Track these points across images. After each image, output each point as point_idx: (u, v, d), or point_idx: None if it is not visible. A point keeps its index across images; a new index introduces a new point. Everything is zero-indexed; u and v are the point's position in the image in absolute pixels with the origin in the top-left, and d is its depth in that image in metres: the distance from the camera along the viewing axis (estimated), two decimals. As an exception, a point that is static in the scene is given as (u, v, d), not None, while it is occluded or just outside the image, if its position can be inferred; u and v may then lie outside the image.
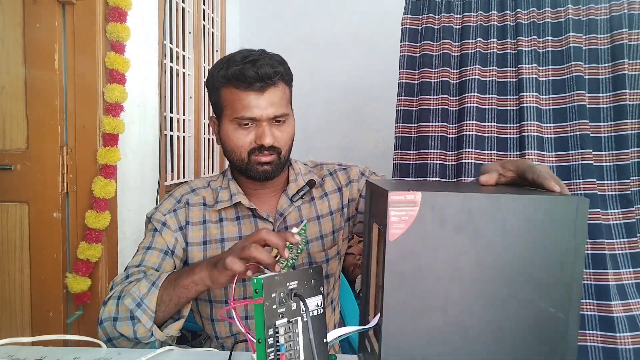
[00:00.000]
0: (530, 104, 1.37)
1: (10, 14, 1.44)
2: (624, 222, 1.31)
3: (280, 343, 0.57)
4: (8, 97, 1.46)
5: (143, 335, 0.80)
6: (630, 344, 1.21)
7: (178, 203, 0.98)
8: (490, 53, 1.44)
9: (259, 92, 0.88)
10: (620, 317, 1.22)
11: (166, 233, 0.94)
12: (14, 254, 1.48)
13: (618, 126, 1.34)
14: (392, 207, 0.54)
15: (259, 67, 0.86)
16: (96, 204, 1.45)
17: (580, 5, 1.40)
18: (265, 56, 0.90)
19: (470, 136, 1.39)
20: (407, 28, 1.50)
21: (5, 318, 1.48)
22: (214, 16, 2.67)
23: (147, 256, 0.92)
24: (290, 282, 0.59)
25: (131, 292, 0.81)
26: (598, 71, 1.38)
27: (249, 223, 0.97)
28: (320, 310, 0.61)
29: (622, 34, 1.34)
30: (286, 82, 0.93)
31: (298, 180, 1.01)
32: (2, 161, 1.46)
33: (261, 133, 0.89)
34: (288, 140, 0.94)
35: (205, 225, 0.97)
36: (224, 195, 0.99)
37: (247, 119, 0.88)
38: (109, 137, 1.46)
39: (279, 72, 0.89)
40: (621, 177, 1.32)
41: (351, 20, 2.84)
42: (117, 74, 1.46)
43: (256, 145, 0.90)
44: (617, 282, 1.26)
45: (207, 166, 2.58)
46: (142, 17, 1.69)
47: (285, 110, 0.91)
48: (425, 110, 1.45)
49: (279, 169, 0.94)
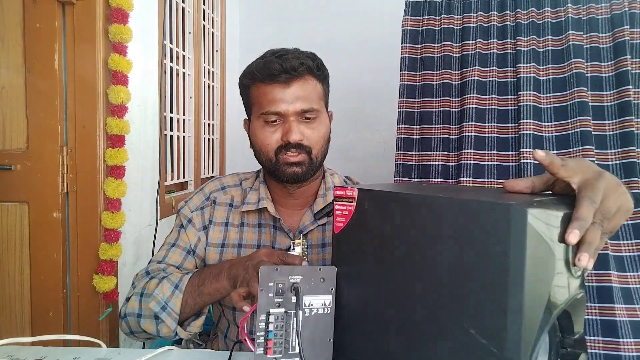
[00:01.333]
0: (528, 102, 1.36)
1: (10, 14, 1.44)
2: (632, 222, 1.25)
3: (269, 330, 0.58)
4: (8, 97, 1.46)
5: (167, 335, 0.82)
6: (634, 351, 1.14)
7: (206, 200, 0.97)
8: (491, 53, 1.44)
9: (285, 85, 0.83)
10: (623, 321, 1.16)
11: (190, 231, 0.95)
12: (14, 254, 1.47)
13: (623, 123, 1.30)
14: (337, 201, 0.57)
15: (284, 60, 0.83)
16: (110, 205, 1.48)
17: (580, 5, 1.39)
18: (295, 51, 0.87)
19: (470, 137, 1.39)
20: (408, 30, 1.50)
21: (5, 318, 1.48)
22: (214, 16, 2.67)
23: (170, 253, 0.93)
24: (293, 276, 0.59)
25: (154, 294, 0.82)
26: (601, 69, 1.36)
27: (269, 233, 0.94)
28: (327, 310, 0.61)
29: (623, 31, 1.33)
30: (318, 77, 0.88)
31: (327, 196, 0.95)
32: (2, 161, 1.46)
33: (287, 129, 0.84)
34: (319, 139, 0.88)
35: (227, 227, 0.95)
36: (252, 197, 0.95)
37: (272, 113, 0.84)
38: (116, 138, 1.48)
39: (305, 65, 0.84)
40: (628, 176, 1.27)
41: (351, 21, 2.83)
42: (121, 75, 1.47)
43: (283, 142, 0.85)
44: (623, 285, 1.20)
45: (207, 166, 2.58)
46: (142, 17, 1.69)
47: (315, 106, 0.86)
48: (428, 112, 1.45)
49: (311, 172, 0.89)
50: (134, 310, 0.84)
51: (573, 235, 0.43)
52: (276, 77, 0.83)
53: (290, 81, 0.84)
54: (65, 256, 1.49)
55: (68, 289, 1.47)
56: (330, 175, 0.99)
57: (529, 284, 0.41)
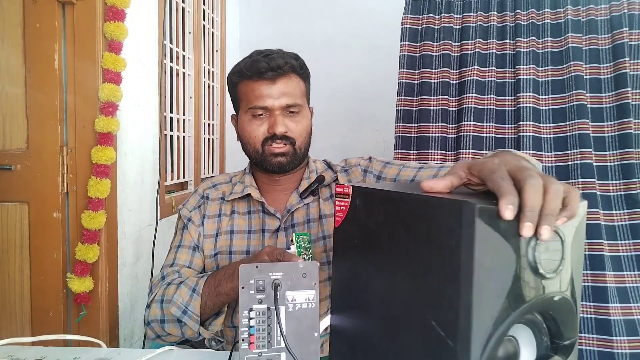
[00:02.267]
0: (527, 104, 1.37)
1: (10, 14, 1.44)
2: (630, 223, 1.27)
3: (251, 325, 0.61)
4: (8, 97, 1.46)
5: (191, 336, 0.88)
6: (627, 349, 1.18)
7: (201, 199, 1.04)
8: (490, 53, 1.44)
9: (271, 82, 0.91)
10: (617, 320, 1.20)
11: (191, 228, 1.01)
12: (14, 254, 1.48)
13: (621, 125, 1.32)
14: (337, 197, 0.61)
15: (270, 59, 0.90)
16: (90, 204, 1.44)
17: (579, 6, 1.39)
18: (279, 51, 0.95)
19: (468, 137, 1.39)
20: (407, 28, 1.50)
21: (5, 318, 1.48)
22: (214, 16, 2.67)
23: (178, 254, 0.99)
24: (273, 273, 0.62)
25: (174, 300, 0.87)
26: (600, 71, 1.37)
27: (258, 218, 1.00)
28: (311, 304, 0.63)
29: (622, 34, 1.34)
30: (300, 75, 0.96)
31: (311, 178, 1.02)
32: (2, 161, 1.46)
33: (273, 122, 0.92)
34: (302, 131, 0.96)
35: (220, 218, 1.01)
36: (239, 187, 1.02)
37: (260, 108, 0.91)
38: (102, 136, 1.46)
39: (290, 64, 0.92)
40: (626, 177, 1.29)
41: (351, 20, 2.84)
42: (111, 73, 1.46)
43: (269, 134, 0.93)
44: (619, 285, 1.23)
45: (207, 166, 2.58)
46: (142, 16, 1.69)
47: (298, 101, 0.94)
48: (426, 110, 1.46)
49: (295, 161, 0.96)
50: (157, 317, 0.89)
51: (508, 211, 0.41)
52: (263, 74, 0.90)
53: (276, 78, 0.91)
54: (65, 256, 1.49)
55: (68, 289, 1.47)
56: (313, 162, 1.07)
57: (480, 278, 0.42)
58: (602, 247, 1.25)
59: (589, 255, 1.26)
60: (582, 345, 1.23)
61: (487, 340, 0.43)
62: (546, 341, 0.52)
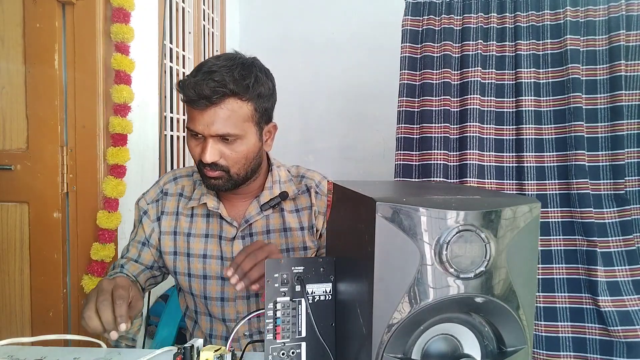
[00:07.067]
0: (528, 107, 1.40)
1: (10, 14, 1.44)
2: (620, 220, 1.34)
3: (277, 317, 0.64)
4: (8, 97, 1.46)
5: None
6: (622, 337, 1.26)
7: (160, 193, 1.04)
8: (490, 55, 1.44)
9: (201, 110, 0.84)
10: (609, 311, 1.27)
11: (145, 222, 1.02)
12: (14, 254, 1.48)
13: (614, 127, 1.36)
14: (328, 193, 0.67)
15: (200, 87, 0.82)
16: (107, 204, 1.46)
17: (578, 7, 1.40)
18: (222, 70, 0.84)
19: (474, 138, 1.41)
20: (408, 29, 1.50)
21: (5, 318, 1.49)
22: (214, 16, 2.67)
23: (130, 247, 1.03)
24: (295, 267, 0.66)
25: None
26: (596, 72, 1.39)
27: (216, 223, 1.00)
28: (328, 296, 0.67)
29: (619, 35, 1.35)
30: (244, 99, 0.85)
31: (274, 189, 0.99)
32: (2, 161, 1.46)
33: (203, 149, 0.87)
34: (239, 159, 0.89)
35: (178, 216, 1.01)
36: (197, 193, 1.01)
37: (193, 131, 0.87)
38: (119, 137, 1.48)
39: (225, 89, 0.82)
40: (616, 177, 1.35)
41: (351, 21, 2.83)
42: (123, 74, 1.47)
43: (201, 159, 0.88)
44: (609, 279, 1.30)
45: (207, 166, 2.58)
46: (143, 17, 1.69)
47: (232, 130, 0.85)
48: (428, 111, 1.46)
49: (233, 186, 0.92)
50: None
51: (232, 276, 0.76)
52: (194, 102, 0.84)
53: (206, 108, 0.84)
54: (65, 256, 1.49)
55: (68, 289, 1.47)
56: (277, 168, 1.03)
57: (381, 271, 0.47)
58: (595, 244, 1.31)
59: (585, 251, 1.33)
60: (587, 335, 1.33)
61: (392, 330, 0.47)
62: (490, 346, 0.53)
